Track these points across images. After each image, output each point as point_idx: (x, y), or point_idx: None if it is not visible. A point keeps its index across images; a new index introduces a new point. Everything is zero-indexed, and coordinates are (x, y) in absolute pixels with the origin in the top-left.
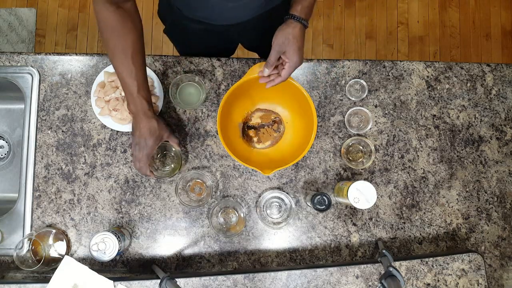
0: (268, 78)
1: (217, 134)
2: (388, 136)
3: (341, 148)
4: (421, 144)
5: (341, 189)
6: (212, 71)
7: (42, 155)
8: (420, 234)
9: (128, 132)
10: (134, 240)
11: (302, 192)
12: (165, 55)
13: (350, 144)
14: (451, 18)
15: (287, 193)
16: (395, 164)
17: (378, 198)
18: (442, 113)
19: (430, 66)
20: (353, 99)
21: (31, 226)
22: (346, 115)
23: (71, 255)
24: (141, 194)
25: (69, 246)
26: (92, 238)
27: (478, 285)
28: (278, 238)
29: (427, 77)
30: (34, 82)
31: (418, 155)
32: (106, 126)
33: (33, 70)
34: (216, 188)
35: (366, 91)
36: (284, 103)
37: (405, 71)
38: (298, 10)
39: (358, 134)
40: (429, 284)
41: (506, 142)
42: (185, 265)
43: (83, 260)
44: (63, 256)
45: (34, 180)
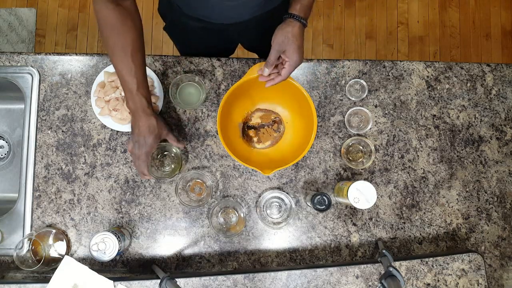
0: (268, 77)
1: (217, 134)
2: (388, 136)
3: (341, 148)
4: (421, 144)
5: (341, 189)
6: (212, 71)
7: (42, 155)
8: (420, 234)
9: (128, 132)
10: (134, 240)
11: (302, 192)
12: (165, 55)
13: (350, 144)
14: (451, 18)
15: (287, 193)
16: (395, 164)
17: (378, 198)
18: (442, 113)
19: (430, 66)
20: (353, 99)
21: (31, 226)
22: (346, 115)
23: (71, 255)
24: (141, 194)
25: (69, 246)
26: (92, 238)
27: (478, 285)
28: (278, 238)
29: (427, 77)
30: (34, 82)
31: (418, 155)
32: (106, 126)
33: (33, 70)
34: (216, 188)
35: (366, 91)
36: (284, 103)
37: (405, 71)
38: (297, 9)
39: (358, 134)
40: (429, 284)
41: (506, 142)
42: (185, 265)
43: (83, 260)
44: (63, 256)
45: (34, 180)
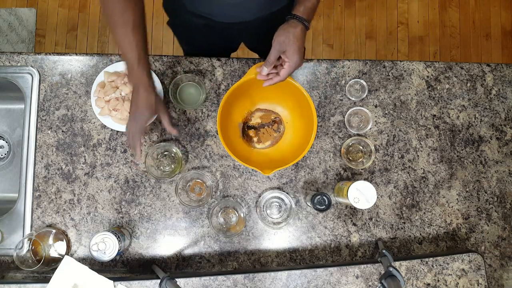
0: (266, 77)
1: (217, 134)
2: (388, 136)
3: (341, 148)
4: (421, 144)
5: (341, 189)
6: (212, 71)
7: (42, 155)
8: (420, 234)
9: None
10: (134, 240)
11: (302, 192)
12: (165, 55)
13: (350, 144)
14: (451, 18)
15: (287, 193)
16: (395, 164)
17: (378, 198)
18: (442, 113)
19: (430, 66)
20: (353, 99)
21: (31, 226)
22: (346, 115)
23: (71, 255)
24: (141, 194)
25: (69, 246)
26: (92, 238)
27: (478, 285)
28: (278, 238)
29: (427, 77)
30: (34, 82)
31: (418, 155)
32: (106, 126)
33: (33, 70)
34: (216, 188)
35: (366, 91)
36: (284, 103)
37: (405, 71)
38: (300, 10)
39: (358, 134)
40: (429, 284)
41: (506, 142)
42: (185, 265)
43: (83, 260)
44: (63, 256)
45: (34, 180)
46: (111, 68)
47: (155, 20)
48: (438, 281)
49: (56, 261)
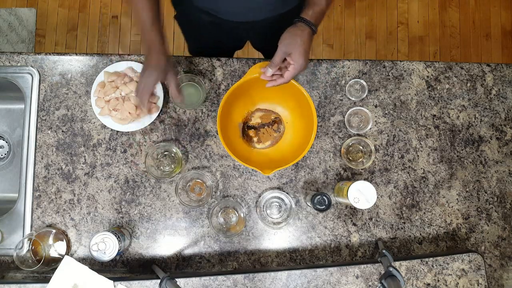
0: (270, 78)
1: (217, 134)
2: (388, 136)
3: (341, 148)
4: (421, 144)
5: (341, 189)
6: (212, 71)
7: (42, 155)
8: (420, 234)
9: (128, 132)
10: (134, 240)
11: (302, 192)
12: None
13: (350, 144)
14: (451, 18)
15: (287, 193)
16: (395, 164)
17: (378, 198)
18: (442, 113)
19: (430, 66)
20: (353, 99)
21: (31, 226)
22: (346, 115)
23: (71, 255)
24: (141, 194)
25: (69, 246)
26: (92, 238)
27: (478, 285)
28: (278, 238)
29: (427, 77)
30: (34, 82)
31: (418, 155)
32: (106, 126)
33: (33, 70)
34: (216, 188)
35: (366, 91)
36: (284, 103)
37: (405, 71)
38: (309, 14)
39: (358, 134)
40: (429, 284)
41: (506, 142)
42: (185, 265)
43: (83, 260)
44: (63, 256)
45: (34, 180)
46: (111, 68)
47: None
48: (438, 281)
49: (56, 261)
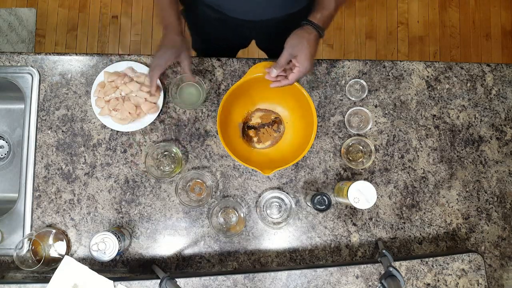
0: (275, 79)
1: (217, 134)
2: (388, 136)
3: (341, 148)
4: (421, 144)
5: (341, 189)
6: (212, 71)
7: (42, 155)
8: (420, 234)
9: (128, 132)
10: (134, 240)
11: (302, 192)
12: None
13: (350, 144)
14: (451, 18)
15: (287, 193)
16: (395, 164)
17: (378, 198)
18: (442, 113)
19: (430, 66)
20: (353, 99)
21: (31, 226)
22: (346, 115)
23: (71, 255)
24: (141, 194)
25: (69, 246)
26: (92, 238)
27: (478, 285)
28: (278, 238)
29: (427, 77)
30: (34, 82)
31: (418, 155)
32: (106, 126)
33: (33, 70)
34: (216, 188)
35: (366, 91)
36: (284, 103)
37: (405, 71)
38: (317, 18)
39: (358, 134)
40: (429, 284)
41: (506, 142)
42: (185, 265)
43: (83, 260)
44: (63, 256)
45: (34, 180)
46: (111, 68)
47: (155, 20)
48: (438, 281)
49: (56, 261)
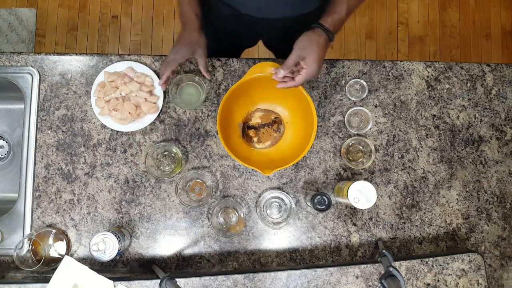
0: (282, 79)
1: (217, 134)
2: (388, 136)
3: (341, 148)
4: (421, 144)
5: (341, 189)
6: (212, 71)
7: (42, 155)
8: (420, 234)
9: (128, 132)
10: (134, 240)
11: (302, 192)
12: (165, 55)
13: (350, 144)
14: (451, 18)
15: (287, 193)
16: (395, 164)
17: (378, 198)
18: (442, 113)
19: (430, 66)
20: (353, 99)
21: (31, 226)
22: (346, 115)
23: (71, 255)
24: (141, 194)
25: (69, 246)
26: (92, 238)
27: (478, 285)
28: (278, 238)
29: (427, 77)
30: (34, 82)
31: (418, 155)
32: (106, 126)
33: (33, 70)
34: (216, 188)
35: (366, 91)
36: (284, 103)
37: (405, 71)
38: (328, 21)
39: (358, 134)
40: (429, 284)
41: (506, 142)
42: (185, 265)
43: (83, 260)
44: (63, 256)
45: (34, 180)
46: (111, 68)
47: (155, 20)
48: (438, 281)
49: (56, 261)
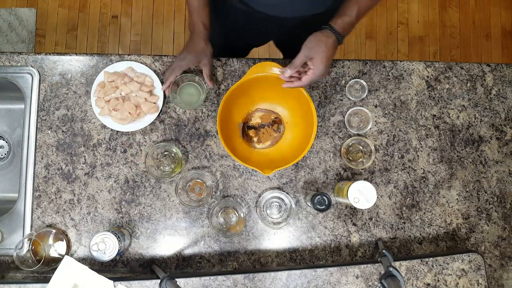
0: (288, 79)
1: (217, 134)
2: (388, 136)
3: (341, 148)
4: (421, 144)
5: (341, 189)
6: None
7: (42, 155)
8: (420, 234)
9: (128, 132)
10: (134, 240)
11: (302, 192)
12: (165, 55)
13: (350, 144)
14: (451, 18)
15: (287, 193)
16: (395, 164)
17: (378, 198)
18: (442, 113)
19: (430, 66)
20: (353, 99)
21: (31, 226)
22: (346, 115)
23: (71, 255)
24: (141, 194)
25: (69, 246)
26: (92, 238)
27: (478, 285)
28: (278, 238)
29: (427, 77)
30: (34, 82)
31: (418, 155)
32: (106, 126)
33: (33, 70)
34: (216, 188)
35: (366, 91)
36: (284, 103)
37: (405, 71)
38: (337, 23)
39: (358, 134)
40: (429, 284)
41: (506, 142)
42: (185, 265)
43: (83, 260)
44: (63, 256)
45: (34, 180)
46: (111, 68)
47: (155, 20)
48: (438, 281)
49: (56, 261)
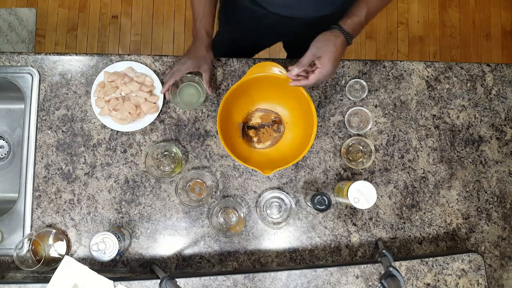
0: (295, 77)
1: (217, 134)
2: (388, 136)
3: (341, 148)
4: (421, 144)
5: (341, 189)
6: (212, 71)
7: (42, 155)
8: (420, 234)
9: (128, 132)
10: (134, 240)
11: (302, 192)
12: (165, 55)
13: (350, 144)
14: (451, 18)
15: (287, 193)
16: (395, 164)
17: (378, 198)
18: (442, 113)
19: (430, 66)
20: (353, 99)
21: (31, 226)
22: (346, 115)
23: (71, 255)
24: (141, 194)
25: (69, 246)
26: (92, 238)
27: (478, 285)
28: (278, 238)
29: (427, 77)
30: (34, 82)
31: (418, 155)
32: (106, 126)
33: (33, 70)
34: (216, 188)
35: (366, 91)
36: (284, 103)
37: (405, 71)
38: (347, 23)
39: (358, 134)
40: (429, 284)
41: (506, 142)
42: (185, 265)
43: (83, 260)
44: (63, 256)
45: (34, 180)
46: (111, 68)
47: (155, 20)
48: (438, 281)
49: (56, 261)
